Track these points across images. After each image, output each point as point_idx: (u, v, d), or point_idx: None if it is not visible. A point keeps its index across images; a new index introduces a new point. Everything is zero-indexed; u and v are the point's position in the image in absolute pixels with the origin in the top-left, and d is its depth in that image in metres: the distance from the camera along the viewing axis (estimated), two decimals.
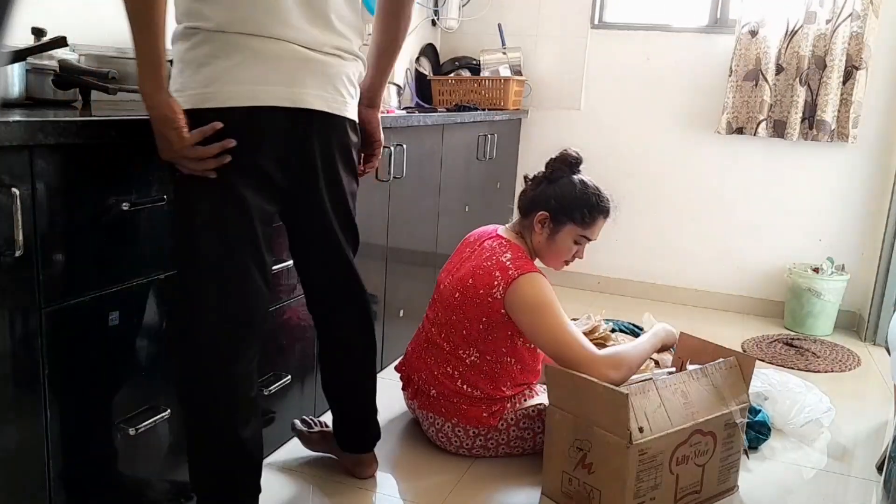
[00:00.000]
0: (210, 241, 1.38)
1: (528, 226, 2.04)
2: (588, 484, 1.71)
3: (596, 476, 1.70)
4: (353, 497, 1.83)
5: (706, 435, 1.76)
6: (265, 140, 1.38)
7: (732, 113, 3.32)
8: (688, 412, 1.73)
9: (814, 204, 3.37)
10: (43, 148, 1.17)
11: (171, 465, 1.58)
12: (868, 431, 2.33)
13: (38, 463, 1.26)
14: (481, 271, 1.94)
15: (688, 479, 1.75)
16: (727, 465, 1.84)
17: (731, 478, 1.87)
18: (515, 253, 1.95)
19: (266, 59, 1.35)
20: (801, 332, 3.26)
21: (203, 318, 1.40)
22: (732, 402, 1.81)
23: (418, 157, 2.57)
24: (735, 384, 1.84)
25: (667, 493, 1.71)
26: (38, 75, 1.57)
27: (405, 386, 2.14)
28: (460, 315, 1.96)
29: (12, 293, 1.17)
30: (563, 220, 1.99)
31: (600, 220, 2.03)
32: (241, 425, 1.43)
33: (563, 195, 1.99)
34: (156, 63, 1.24)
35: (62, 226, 1.24)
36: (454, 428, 1.98)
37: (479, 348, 1.95)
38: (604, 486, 1.68)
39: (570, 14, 3.62)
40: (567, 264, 2.10)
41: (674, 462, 1.71)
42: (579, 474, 1.73)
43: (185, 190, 1.38)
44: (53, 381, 1.25)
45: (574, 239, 2.02)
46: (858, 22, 3.09)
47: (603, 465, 1.68)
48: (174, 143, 1.29)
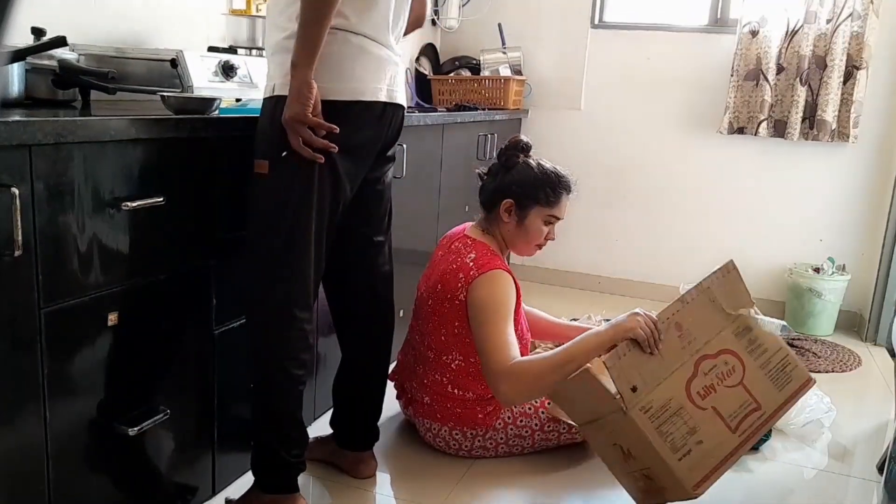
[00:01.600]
0: (305, 215, 1.54)
1: (495, 218, 2.03)
2: (642, 469, 1.63)
3: (637, 458, 1.62)
4: (352, 497, 1.83)
5: (717, 356, 1.65)
6: (364, 128, 1.58)
7: (733, 113, 3.32)
8: (683, 344, 1.63)
9: (814, 204, 3.37)
10: (43, 148, 1.17)
11: (170, 466, 1.58)
12: (869, 432, 2.33)
13: (38, 463, 1.25)
14: (448, 275, 1.94)
15: (731, 404, 1.64)
16: (777, 367, 1.71)
17: (793, 375, 1.72)
18: (480, 251, 1.95)
19: (379, 60, 1.57)
20: (802, 332, 3.26)
21: (287, 286, 1.56)
22: (733, 312, 1.71)
23: (418, 157, 2.57)
24: (735, 291, 1.75)
25: (715, 429, 1.60)
26: (38, 75, 1.57)
27: (399, 394, 2.14)
28: (435, 322, 1.97)
29: (12, 293, 1.17)
30: (529, 204, 1.98)
31: (564, 197, 2.02)
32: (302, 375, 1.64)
33: (524, 179, 1.99)
34: (315, 50, 1.43)
35: (62, 226, 1.23)
36: (451, 431, 1.98)
37: (461, 351, 1.94)
38: (648, 461, 1.59)
39: (570, 14, 3.62)
40: (540, 248, 2.07)
41: (697, 398, 1.60)
42: (633, 466, 1.64)
43: (286, 170, 1.51)
44: (53, 381, 1.25)
45: (543, 220, 2.00)
46: (859, 22, 3.09)
47: (631, 444, 1.60)
48: (298, 112, 1.44)
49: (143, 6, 2.15)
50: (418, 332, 2.05)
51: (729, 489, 1.91)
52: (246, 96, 1.93)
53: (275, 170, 1.51)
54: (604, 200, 3.65)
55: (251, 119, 1.63)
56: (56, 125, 1.17)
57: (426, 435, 2.04)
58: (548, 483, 1.91)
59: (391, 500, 1.84)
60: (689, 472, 1.56)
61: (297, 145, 1.47)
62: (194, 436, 1.65)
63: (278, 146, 1.49)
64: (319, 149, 1.49)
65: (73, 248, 1.26)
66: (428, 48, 3.68)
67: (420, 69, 3.58)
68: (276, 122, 1.48)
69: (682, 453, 1.56)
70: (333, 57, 1.49)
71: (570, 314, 1.90)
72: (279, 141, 1.48)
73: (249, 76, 1.97)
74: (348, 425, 1.88)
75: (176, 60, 1.75)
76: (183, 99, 1.59)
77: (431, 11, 3.64)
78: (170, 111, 1.53)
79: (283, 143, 1.48)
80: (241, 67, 1.93)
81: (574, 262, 3.77)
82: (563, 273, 3.79)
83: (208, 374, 1.65)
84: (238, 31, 2.20)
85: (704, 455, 1.59)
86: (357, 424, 1.88)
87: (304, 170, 1.51)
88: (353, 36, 1.52)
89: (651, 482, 1.63)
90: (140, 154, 1.37)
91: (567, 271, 3.80)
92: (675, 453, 1.56)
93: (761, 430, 1.67)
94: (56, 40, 1.51)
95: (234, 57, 1.94)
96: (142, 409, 1.46)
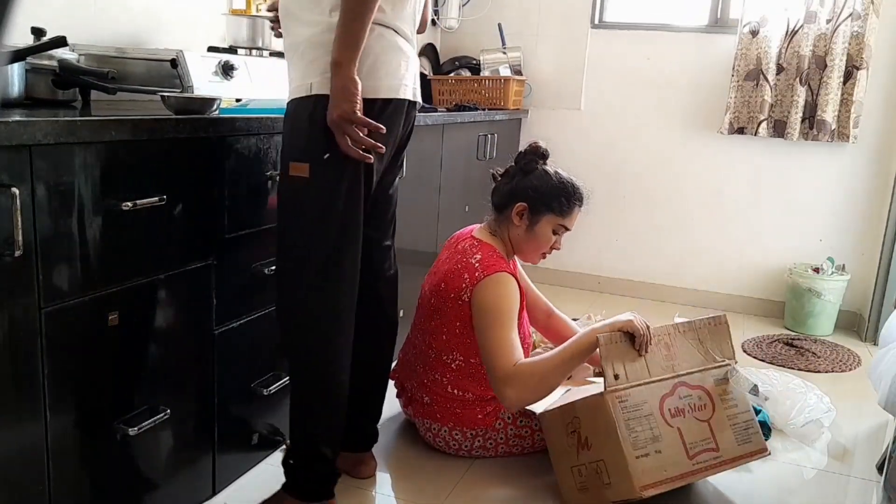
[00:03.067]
0: (350, 215, 1.53)
1: (505, 220, 2.03)
2: (593, 461, 1.68)
3: (595, 446, 1.68)
4: (352, 497, 1.83)
5: (694, 388, 1.74)
6: (394, 127, 1.57)
7: (734, 113, 3.32)
8: (668, 364, 1.72)
9: (814, 204, 3.37)
10: (43, 148, 1.17)
11: (170, 466, 1.58)
12: (868, 431, 2.33)
13: (38, 463, 1.26)
14: (452, 275, 1.95)
15: (694, 434, 1.71)
16: (741, 425, 1.79)
17: (752, 439, 1.80)
18: (486, 253, 1.95)
19: (406, 57, 1.56)
20: (802, 333, 3.26)
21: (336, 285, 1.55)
22: (718, 357, 1.80)
23: (418, 157, 2.57)
24: (722, 342, 1.84)
25: (675, 447, 1.67)
26: (38, 75, 1.58)
27: (399, 394, 2.14)
28: (438, 321, 1.97)
29: (12, 293, 1.17)
30: (542, 210, 1.99)
31: (577, 209, 2.04)
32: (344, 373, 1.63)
33: (541, 185, 2.00)
34: (359, 46, 1.41)
35: (62, 226, 1.23)
36: (451, 431, 1.98)
37: (462, 352, 1.95)
38: (604, 452, 1.65)
39: (570, 14, 3.62)
40: (544, 257, 2.09)
41: (667, 414, 1.68)
42: (584, 458, 1.71)
43: (330, 172, 1.49)
44: (53, 381, 1.25)
45: (553, 228, 2.02)
46: (859, 22, 3.09)
47: (595, 431, 1.67)
48: (347, 111, 1.41)
49: (143, 6, 2.15)
50: (420, 330, 2.05)
51: (729, 489, 1.91)
52: (246, 96, 1.93)
53: (317, 172, 1.48)
54: (604, 200, 3.65)
55: (251, 119, 1.63)
56: (56, 125, 1.17)
57: (426, 435, 2.04)
58: (547, 483, 1.91)
59: (391, 499, 1.84)
60: (641, 473, 1.61)
61: (345, 146, 1.43)
62: (194, 436, 1.65)
63: (321, 147, 1.45)
64: (367, 148, 1.46)
65: (73, 248, 1.26)
66: (428, 48, 3.68)
67: (420, 69, 3.58)
68: (316, 123, 1.44)
69: (642, 453, 1.63)
70: (370, 52, 1.45)
71: (571, 314, 1.91)
72: (321, 142, 1.45)
73: (249, 76, 1.97)
74: (348, 427, 1.87)
75: (176, 60, 1.75)
76: (183, 99, 1.59)
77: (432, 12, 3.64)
78: (170, 111, 1.53)
79: (326, 144, 1.44)
80: (240, 67, 1.93)
81: (574, 262, 3.76)
82: (563, 273, 3.79)
83: (208, 374, 1.65)
84: (238, 31, 2.20)
85: (659, 464, 1.64)
86: (357, 426, 1.87)
87: (349, 170, 1.48)
88: (386, 30, 1.49)
89: (595, 478, 1.68)
90: (140, 154, 1.37)
91: (567, 271, 3.80)
92: (635, 450, 1.62)
93: (712, 469, 1.74)
94: (56, 40, 1.51)
95: (234, 57, 1.94)
96: (142, 409, 1.46)
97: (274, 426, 1.94)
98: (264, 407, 1.87)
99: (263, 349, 1.85)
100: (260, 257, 1.78)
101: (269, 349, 1.87)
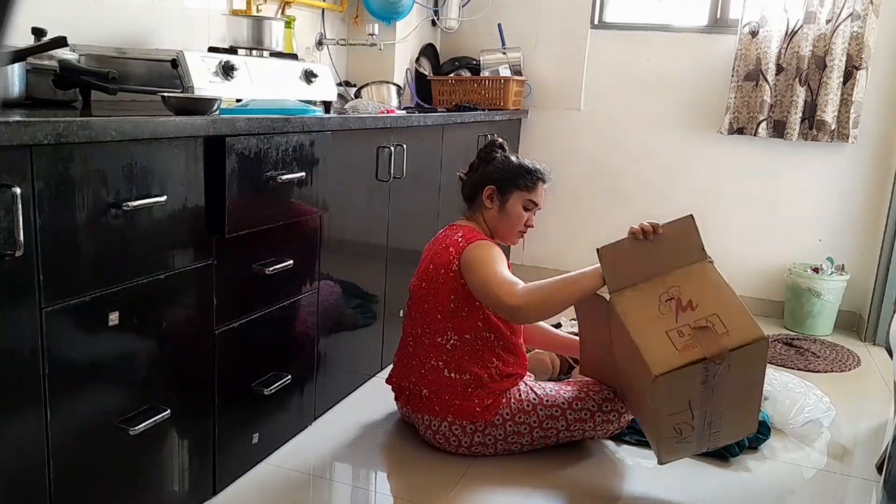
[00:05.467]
0: None
1: (478, 206, 2.16)
2: (701, 318, 1.70)
3: (702, 306, 1.71)
4: (352, 497, 1.83)
5: None
6: None
7: (734, 113, 3.32)
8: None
9: (814, 204, 3.37)
10: (43, 148, 1.17)
11: (170, 465, 1.58)
12: (868, 431, 2.33)
13: (39, 463, 1.26)
14: (438, 255, 2.05)
15: None
16: None
17: None
18: (467, 231, 2.07)
19: None
20: (801, 332, 3.26)
21: None
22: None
23: (418, 157, 2.58)
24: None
25: None
26: (38, 75, 1.58)
27: (397, 396, 2.15)
28: (431, 303, 2.02)
29: (13, 293, 1.17)
30: (510, 189, 2.12)
31: (541, 185, 2.16)
32: None
33: (503, 167, 2.14)
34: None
35: (63, 226, 1.24)
36: (450, 426, 1.99)
37: (456, 330, 1.99)
38: (717, 307, 1.70)
39: (570, 14, 3.62)
40: (521, 235, 2.20)
41: None
42: (685, 319, 1.71)
43: None
44: (53, 381, 1.25)
45: (523, 205, 2.13)
46: (858, 22, 3.09)
47: (702, 293, 1.73)
48: None
49: (144, 6, 2.16)
50: (413, 320, 2.09)
51: (729, 489, 1.91)
52: (246, 96, 1.94)
53: None
54: (603, 200, 3.65)
55: (251, 119, 1.63)
56: (57, 125, 1.17)
57: (426, 433, 2.04)
58: (547, 483, 1.91)
59: (391, 499, 1.84)
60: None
61: None
62: (194, 436, 1.65)
63: None
64: None
65: (73, 247, 1.26)
66: (428, 48, 3.68)
67: (420, 69, 3.58)
68: None
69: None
70: None
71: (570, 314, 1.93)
72: None
73: (250, 76, 1.97)
74: None
75: (176, 61, 1.75)
76: (183, 99, 1.59)
77: (432, 13, 3.64)
78: (170, 111, 1.53)
79: None
80: (241, 68, 1.94)
81: (574, 262, 3.76)
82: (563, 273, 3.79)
83: (208, 374, 1.66)
84: (238, 32, 2.21)
85: None
86: None
87: None
88: None
89: (704, 333, 1.68)
90: (140, 154, 1.37)
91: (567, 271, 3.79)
92: None
93: None
94: (56, 40, 1.51)
95: (234, 57, 1.94)
96: (142, 408, 1.47)
97: (274, 426, 1.94)
98: (264, 407, 1.88)
99: (263, 349, 1.85)
100: (260, 257, 1.78)
101: (269, 349, 1.88)
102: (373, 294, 2.43)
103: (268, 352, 1.87)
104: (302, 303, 1.98)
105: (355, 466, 1.97)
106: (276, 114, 1.78)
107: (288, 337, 1.96)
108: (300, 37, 2.93)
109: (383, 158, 2.32)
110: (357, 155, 2.20)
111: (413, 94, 3.47)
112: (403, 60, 3.46)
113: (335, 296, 2.18)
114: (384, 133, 2.32)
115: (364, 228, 2.32)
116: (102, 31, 2.02)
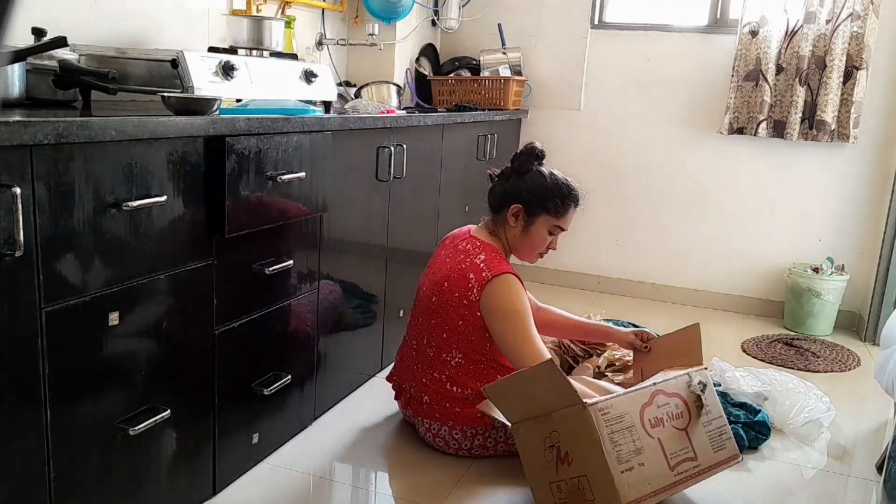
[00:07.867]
0: None
1: (501, 221, 2.06)
2: (574, 477, 1.62)
3: (576, 462, 1.61)
4: (352, 497, 1.83)
5: (671, 396, 1.73)
6: None
7: (734, 113, 3.32)
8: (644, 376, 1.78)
9: (814, 204, 3.37)
10: (44, 148, 1.17)
11: (170, 465, 1.58)
12: (868, 431, 2.33)
13: (39, 463, 1.26)
14: (456, 274, 1.96)
15: (674, 444, 1.69)
16: (716, 432, 1.80)
17: (727, 445, 1.81)
18: (489, 254, 1.97)
19: None
20: (801, 332, 3.26)
21: None
22: (688, 367, 1.85)
23: (418, 157, 2.58)
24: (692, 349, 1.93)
25: (656, 458, 1.64)
26: (38, 75, 1.58)
27: (398, 395, 2.15)
28: (439, 319, 1.98)
29: (13, 293, 1.17)
30: (537, 212, 2.02)
31: (572, 210, 2.06)
32: None
33: (535, 187, 2.02)
34: None
35: (63, 226, 1.24)
36: (451, 430, 1.98)
37: (462, 350, 1.96)
38: (587, 467, 1.59)
39: (570, 14, 3.62)
40: (541, 257, 2.12)
41: (647, 424, 1.66)
42: (563, 474, 1.64)
43: None
44: (53, 381, 1.25)
45: (548, 229, 2.04)
46: (858, 22, 3.09)
47: (576, 445, 1.61)
48: None
49: (144, 6, 2.16)
50: (418, 329, 2.06)
51: (728, 489, 1.91)
52: (246, 96, 1.94)
53: None
54: (603, 200, 3.65)
55: (251, 119, 1.63)
56: (56, 125, 1.17)
57: (426, 435, 2.04)
58: None
59: (391, 499, 1.84)
60: (627, 488, 1.57)
61: None
62: (194, 436, 1.65)
63: None
64: None
65: (73, 247, 1.26)
66: (428, 48, 3.68)
67: (420, 69, 3.58)
68: None
69: (626, 468, 1.58)
70: None
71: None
72: None
73: (250, 76, 1.97)
74: None
75: (176, 61, 1.75)
76: (183, 99, 1.59)
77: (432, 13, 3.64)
78: (170, 111, 1.53)
79: None
80: (241, 68, 1.93)
81: (574, 262, 3.77)
82: (563, 273, 3.80)
83: (208, 374, 1.66)
84: (238, 32, 2.21)
85: (643, 478, 1.61)
86: None
87: None
88: None
89: (576, 495, 1.61)
90: (140, 154, 1.37)
91: (567, 271, 3.80)
92: (619, 464, 1.57)
93: (692, 480, 1.71)
94: (56, 40, 1.51)
95: (234, 57, 1.94)
96: (142, 408, 1.47)
97: (274, 426, 1.94)
98: (264, 407, 1.88)
99: (263, 349, 1.85)
100: (260, 257, 1.78)
101: (269, 349, 1.88)
102: (373, 294, 2.43)
103: (268, 352, 1.87)
104: (302, 303, 1.98)
105: (355, 466, 1.97)
106: (276, 114, 1.78)
107: (288, 337, 1.96)
108: (300, 37, 2.93)
109: (383, 158, 2.32)
110: (357, 155, 2.20)
111: (413, 94, 3.47)
112: (403, 60, 3.46)
113: (335, 296, 2.18)
114: (384, 133, 2.32)
115: (364, 228, 2.32)
116: (102, 31, 2.02)
